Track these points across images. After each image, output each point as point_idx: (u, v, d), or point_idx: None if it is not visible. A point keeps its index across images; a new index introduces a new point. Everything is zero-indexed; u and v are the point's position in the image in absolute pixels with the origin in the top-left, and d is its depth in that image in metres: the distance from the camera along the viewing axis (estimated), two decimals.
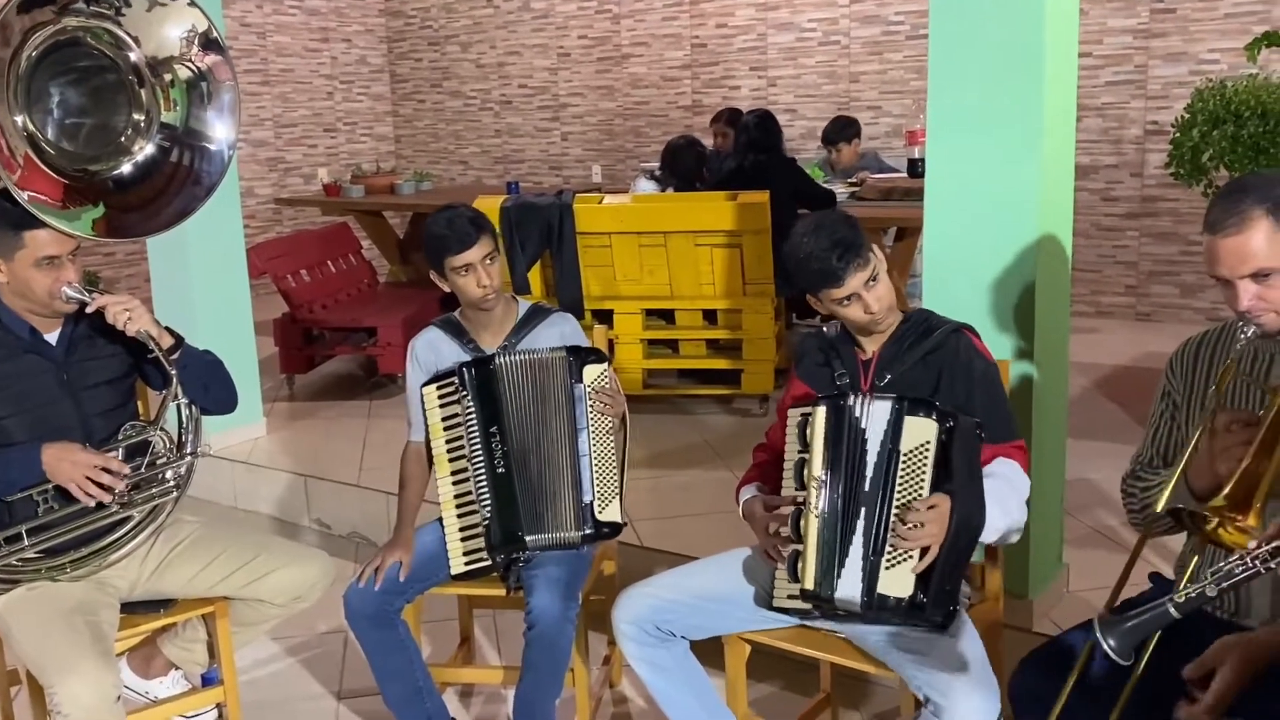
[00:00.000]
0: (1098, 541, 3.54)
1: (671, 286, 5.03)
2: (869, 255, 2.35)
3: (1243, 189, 1.88)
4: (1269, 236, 1.84)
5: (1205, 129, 3.61)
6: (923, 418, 2.21)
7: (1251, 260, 1.85)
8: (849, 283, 2.32)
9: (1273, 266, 1.85)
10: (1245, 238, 1.85)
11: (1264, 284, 1.87)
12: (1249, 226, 1.85)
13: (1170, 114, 6.68)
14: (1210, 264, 1.91)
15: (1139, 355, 6.11)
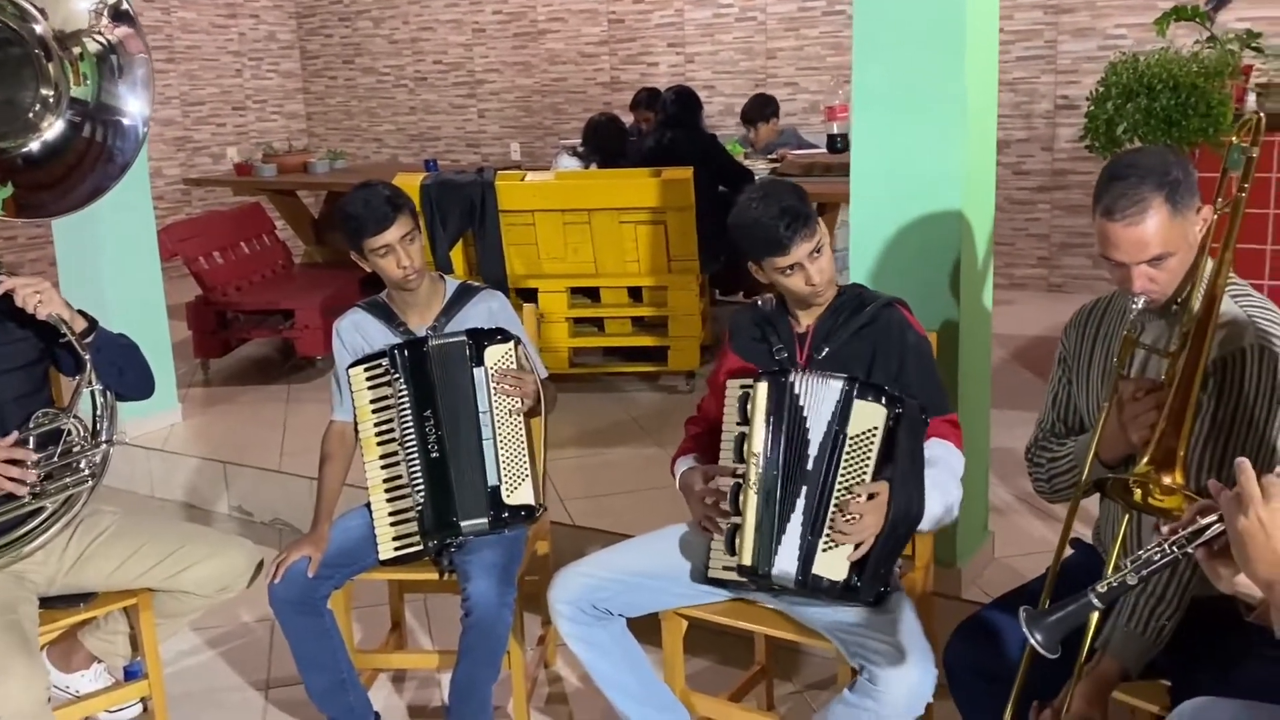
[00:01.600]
0: (1020, 508, 3.61)
1: (596, 264, 5.00)
2: (815, 226, 2.35)
3: (1138, 173, 1.89)
4: (1165, 224, 1.87)
5: (1119, 102, 3.66)
6: (872, 402, 2.22)
7: (1149, 248, 1.89)
8: (794, 252, 2.32)
9: (1167, 252, 1.89)
10: (1144, 227, 1.87)
11: (1157, 267, 1.91)
12: (1148, 215, 1.87)
13: (1080, 89, 6.82)
14: (1105, 248, 1.93)
15: (1052, 325, 6.22)
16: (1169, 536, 1.53)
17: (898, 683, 2.10)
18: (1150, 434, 1.85)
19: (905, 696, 2.10)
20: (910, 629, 2.20)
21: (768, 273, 2.39)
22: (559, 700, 3.05)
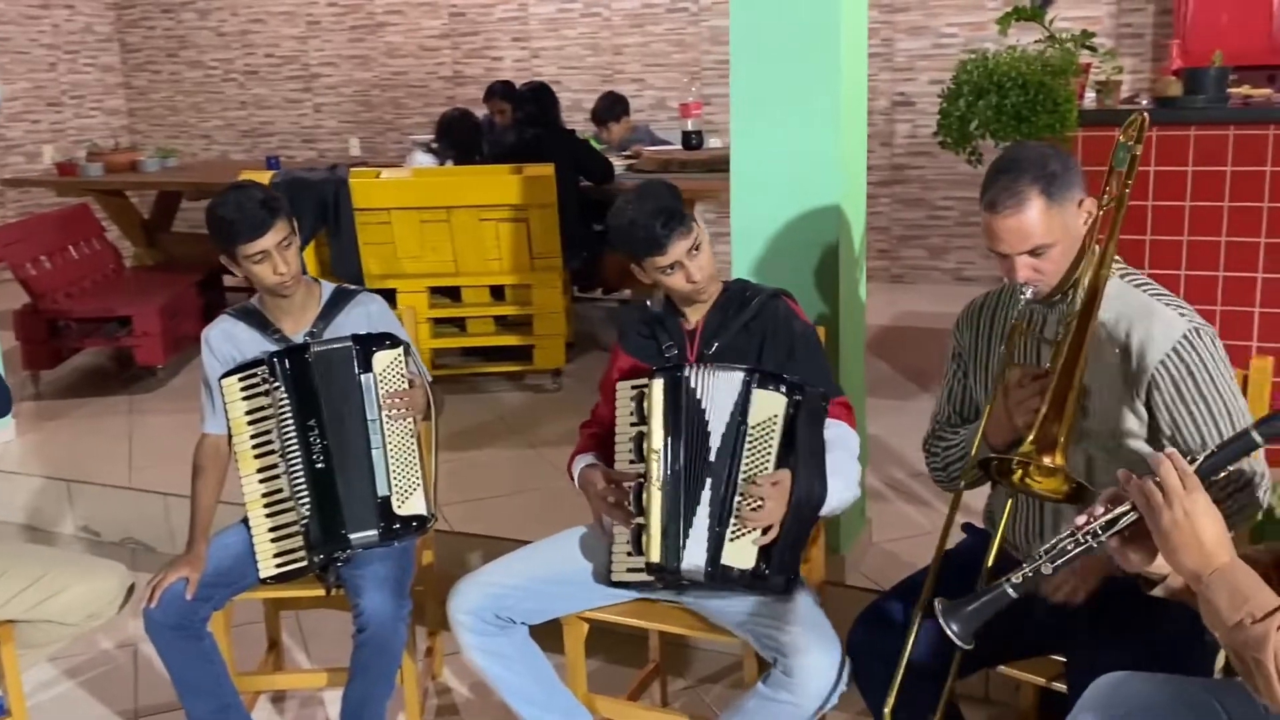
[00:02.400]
0: (892, 495, 3.71)
1: (456, 263, 4.91)
2: (691, 224, 2.36)
3: (1018, 167, 1.96)
4: (1044, 214, 1.95)
5: (971, 99, 3.79)
6: (772, 391, 2.24)
7: (1029, 239, 1.96)
8: (672, 250, 2.32)
9: (1048, 242, 1.97)
10: (1023, 219, 1.95)
11: (1040, 257, 1.98)
12: (1026, 207, 1.94)
13: (915, 86, 7.08)
14: (990, 240, 2.01)
15: (897, 315, 6.45)
16: (1083, 526, 1.58)
17: (811, 672, 2.12)
18: (1034, 418, 1.92)
19: (820, 685, 2.12)
20: (817, 618, 2.23)
21: (649, 273, 2.39)
22: (449, 712, 2.98)
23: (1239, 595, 1.40)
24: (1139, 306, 2.02)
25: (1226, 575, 1.42)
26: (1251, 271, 3.69)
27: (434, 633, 3.06)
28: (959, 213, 7.14)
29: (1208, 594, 1.42)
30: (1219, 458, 1.55)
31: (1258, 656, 1.36)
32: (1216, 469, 1.54)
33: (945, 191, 7.13)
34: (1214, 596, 1.42)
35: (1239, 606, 1.39)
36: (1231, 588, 1.41)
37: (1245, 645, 1.37)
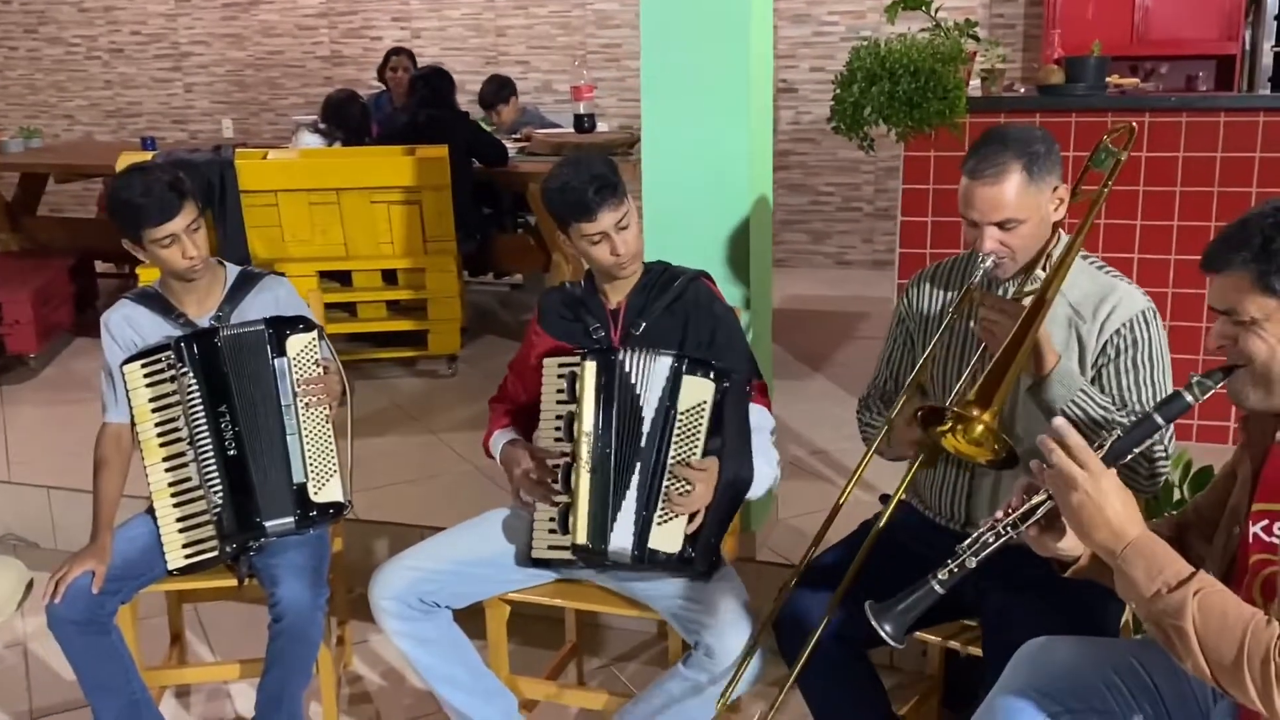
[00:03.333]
0: (794, 473, 3.78)
1: (347, 246, 4.81)
2: (624, 199, 2.35)
3: (1005, 140, 2.05)
4: (1020, 190, 2.03)
5: (864, 85, 3.88)
6: (700, 377, 2.26)
7: (1002, 210, 2.04)
8: (601, 219, 2.31)
9: (1018, 218, 2.04)
10: (1000, 189, 2.02)
11: (1008, 231, 2.05)
12: (1005, 179, 2.02)
13: (797, 73, 7.20)
14: (964, 206, 2.08)
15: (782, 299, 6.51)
16: (1001, 519, 1.65)
17: (731, 653, 2.16)
18: (999, 343, 1.98)
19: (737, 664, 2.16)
20: (738, 598, 2.27)
21: (575, 241, 2.38)
22: (362, 700, 2.95)
23: (1154, 566, 1.46)
24: (1104, 284, 2.12)
25: (1140, 548, 1.48)
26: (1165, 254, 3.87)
27: (343, 622, 3.02)
28: (840, 198, 7.30)
29: (1124, 568, 1.48)
30: (1126, 440, 1.60)
31: (1177, 624, 1.41)
32: (1124, 452, 1.59)
33: (827, 177, 7.28)
34: (1130, 570, 1.47)
35: (1155, 577, 1.45)
36: (1146, 559, 1.47)
37: (1164, 614, 1.43)
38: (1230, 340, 1.51)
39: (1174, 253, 3.84)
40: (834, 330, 5.71)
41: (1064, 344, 2.10)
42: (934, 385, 2.29)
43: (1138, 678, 1.71)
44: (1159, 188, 3.82)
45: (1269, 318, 1.47)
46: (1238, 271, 1.48)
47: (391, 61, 6.38)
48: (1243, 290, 1.47)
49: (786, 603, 2.26)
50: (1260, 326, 1.47)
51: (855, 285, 6.73)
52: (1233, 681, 1.37)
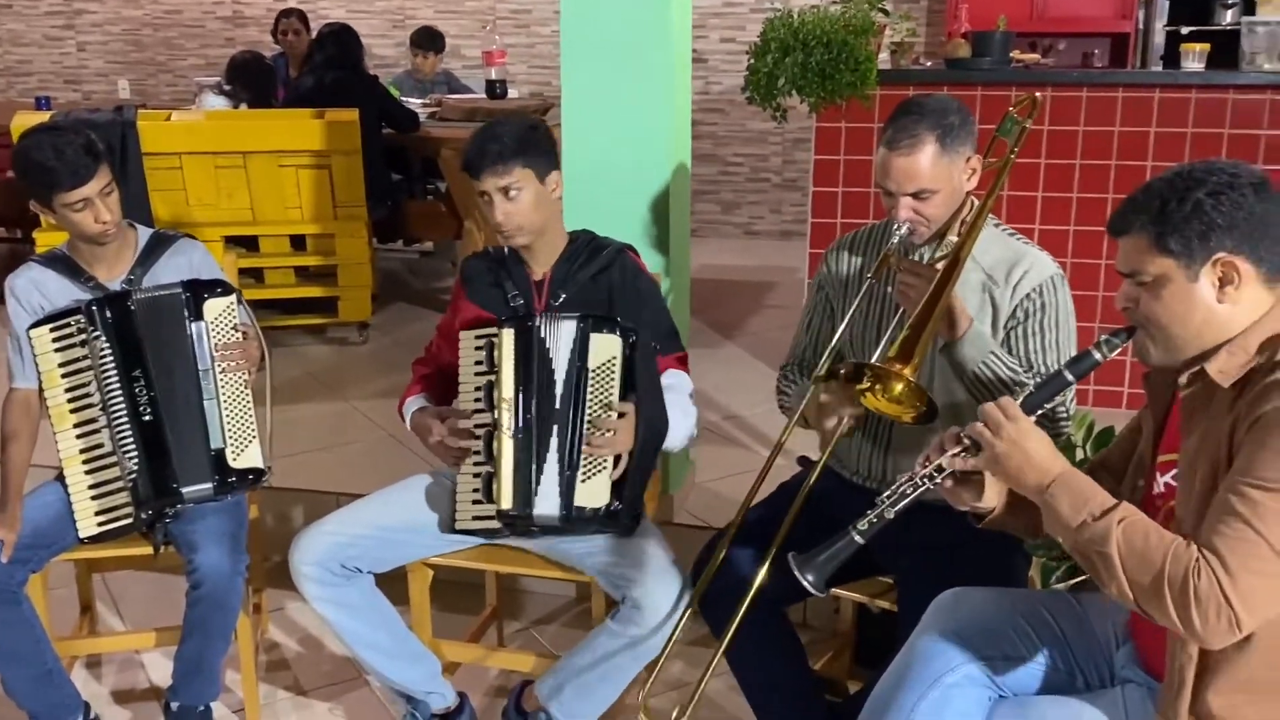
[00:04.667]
0: (709, 438, 3.84)
1: (254, 211, 4.72)
2: (515, 167, 2.31)
3: (921, 111, 2.10)
4: (934, 161, 2.09)
5: (777, 56, 3.93)
6: (608, 334, 2.29)
7: (917, 180, 2.10)
8: (484, 180, 2.32)
9: (932, 188, 2.10)
10: (915, 159, 2.08)
11: (922, 201, 2.12)
12: (920, 150, 2.08)
13: (707, 43, 7.22)
14: (881, 175, 2.13)
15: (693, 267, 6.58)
16: (919, 472, 1.71)
17: (660, 605, 2.21)
18: (915, 305, 2.04)
19: (666, 617, 2.21)
20: (662, 553, 2.31)
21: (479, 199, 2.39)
22: (280, 667, 2.93)
23: (1079, 499, 1.54)
24: (1016, 250, 2.19)
25: (1065, 482, 1.56)
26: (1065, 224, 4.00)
27: (260, 589, 2.99)
28: (749, 169, 7.37)
29: (1051, 503, 1.55)
30: (1037, 396, 1.68)
31: (1102, 550, 1.49)
32: (1035, 406, 1.67)
33: (736, 148, 7.33)
34: (1056, 504, 1.55)
35: (1080, 508, 1.53)
36: (1072, 493, 1.55)
37: (1090, 543, 1.50)
38: (1134, 302, 1.58)
39: (1073, 223, 3.98)
40: (745, 299, 5.78)
41: (978, 308, 2.17)
42: (853, 350, 2.35)
43: (1047, 625, 1.79)
44: (1060, 160, 3.95)
45: (1168, 277, 1.53)
46: (1138, 234, 1.55)
47: (282, 24, 6.21)
48: (1143, 252, 1.55)
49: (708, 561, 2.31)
50: (1160, 286, 1.54)
51: (764, 255, 6.82)
52: (1153, 602, 1.45)
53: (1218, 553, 1.41)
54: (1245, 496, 1.42)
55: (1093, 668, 1.78)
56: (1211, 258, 1.51)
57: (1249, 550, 1.40)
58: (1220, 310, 1.53)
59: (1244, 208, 1.49)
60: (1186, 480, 1.57)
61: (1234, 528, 1.41)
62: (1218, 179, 1.51)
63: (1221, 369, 1.52)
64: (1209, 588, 1.40)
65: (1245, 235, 1.50)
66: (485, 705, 2.72)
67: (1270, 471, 1.41)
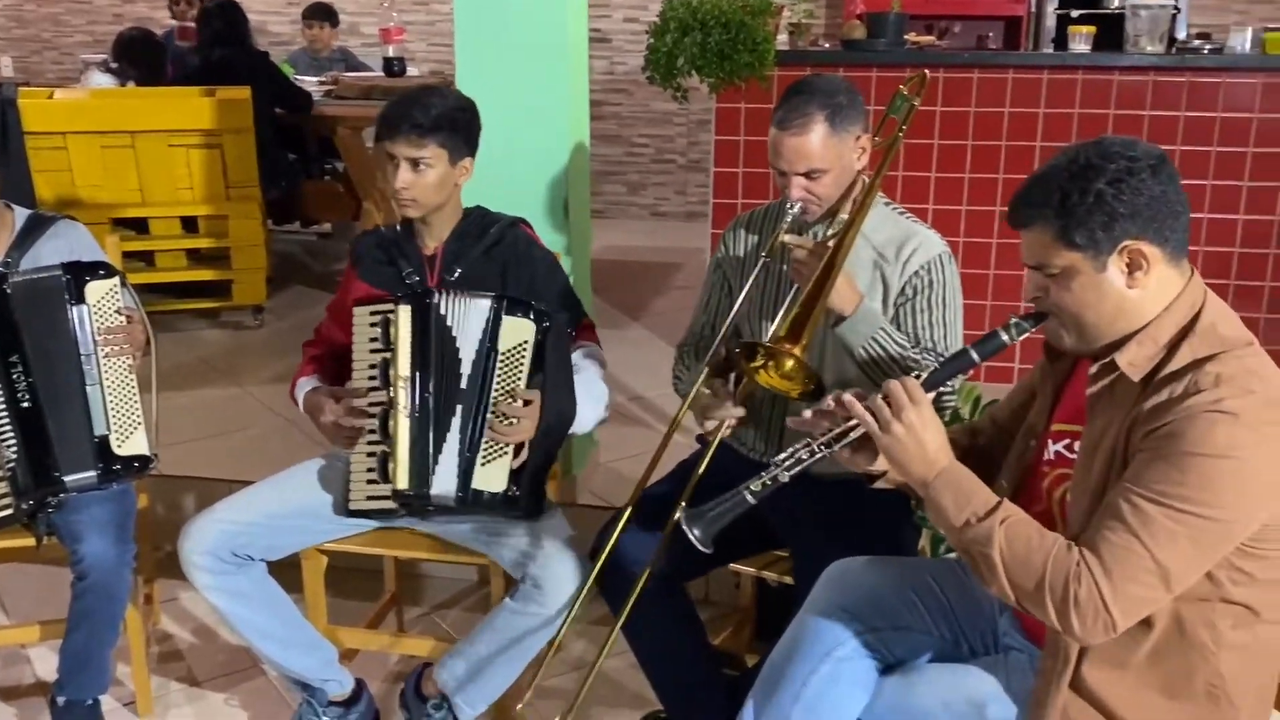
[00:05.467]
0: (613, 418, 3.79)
1: (143, 192, 4.59)
2: (426, 143, 2.29)
3: (810, 91, 2.12)
4: (825, 140, 2.11)
5: (677, 36, 3.93)
6: (520, 318, 2.27)
7: (808, 159, 2.11)
8: (396, 144, 2.30)
9: (823, 167, 2.12)
10: (806, 139, 2.10)
11: (814, 180, 2.14)
12: (810, 130, 2.10)
13: (610, 23, 7.21)
14: (773, 156, 2.15)
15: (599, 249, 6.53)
16: (817, 438, 1.71)
17: (559, 583, 2.20)
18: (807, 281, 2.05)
19: (566, 594, 2.21)
20: (562, 533, 2.31)
21: (384, 158, 2.36)
22: (173, 658, 2.86)
23: (962, 496, 1.55)
24: (906, 228, 2.22)
25: (949, 478, 1.56)
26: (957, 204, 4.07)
27: (150, 580, 2.91)
28: (654, 150, 7.38)
29: (934, 497, 1.56)
30: (940, 373, 1.69)
31: (985, 551, 1.50)
32: (936, 384, 1.68)
33: (641, 129, 7.33)
34: (940, 499, 1.56)
35: (963, 507, 1.54)
36: (955, 490, 1.55)
37: (973, 542, 1.52)
38: (1044, 291, 1.57)
39: (965, 203, 4.06)
40: (650, 280, 5.80)
41: (869, 285, 2.20)
42: (751, 328, 2.36)
43: (934, 595, 1.82)
44: (952, 141, 4.02)
45: (1076, 269, 1.51)
46: (1041, 228, 1.53)
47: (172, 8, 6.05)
48: (1047, 245, 1.53)
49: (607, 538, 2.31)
50: (1069, 278, 1.53)
51: (670, 236, 6.83)
52: (1034, 604, 1.47)
53: (1101, 560, 1.43)
54: (1137, 507, 1.42)
55: (977, 634, 1.82)
56: (1118, 246, 1.49)
57: (1133, 562, 1.42)
58: (1131, 296, 1.52)
59: (1144, 193, 1.47)
60: (1084, 467, 1.58)
61: (1121, 537, 1.43)
62: (1116, 166, 1.48)
63: (1131, 361, 1.52)
64: (1089, 595, 1.42)
65: (1148, 219, 1.48)
66: (386, 691, 2.70)
67: (1166, 486, 1.41)
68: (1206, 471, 1.40)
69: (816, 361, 2.24)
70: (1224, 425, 1.40)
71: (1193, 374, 1.46)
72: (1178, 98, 3.90)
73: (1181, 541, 1.42)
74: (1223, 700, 1.54)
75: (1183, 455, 1.41)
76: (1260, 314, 4.03)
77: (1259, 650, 1.57)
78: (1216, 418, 1.41)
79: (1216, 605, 1.51)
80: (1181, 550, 1.42)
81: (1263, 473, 1.42)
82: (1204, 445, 1.40)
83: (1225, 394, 1.42)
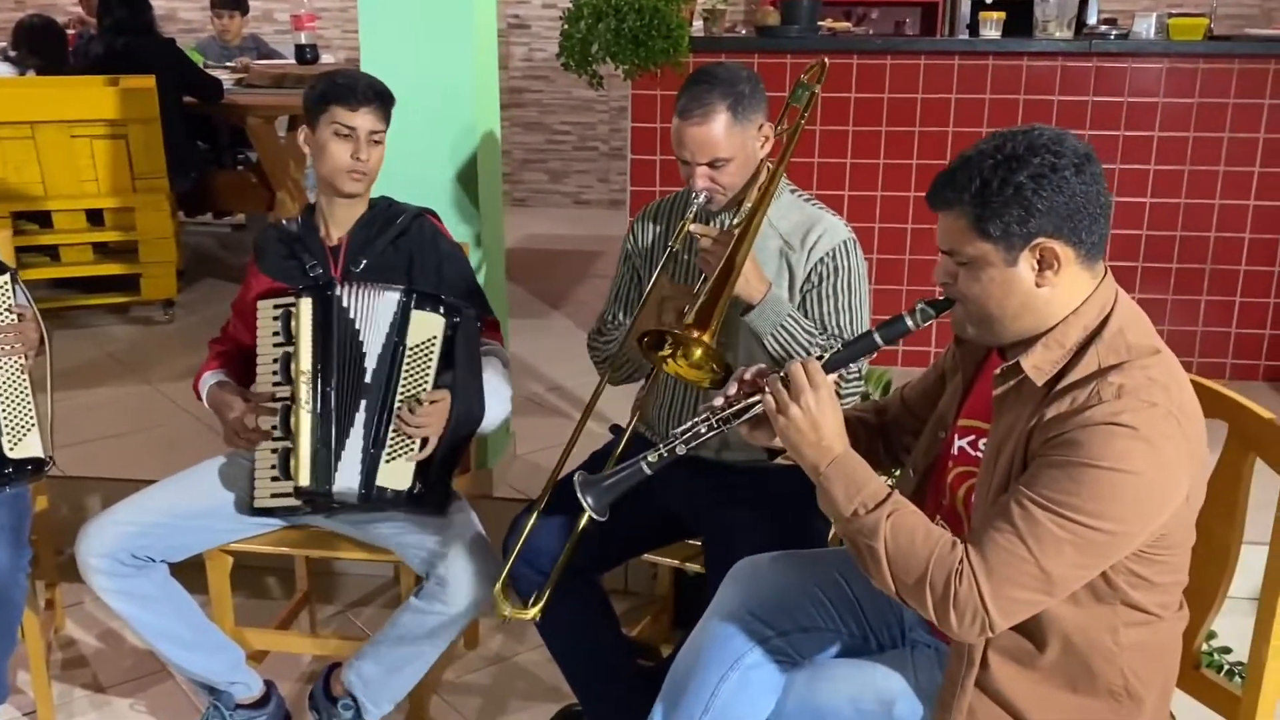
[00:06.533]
0: (534, 409, 3.82)
1: (45, 185, 4.45)
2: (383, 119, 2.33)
3: (711, 80, 2.09)
4: (727, 129, 2.09)
5: (591, 22, 3.90)
6: (430, 312, 2.23)
7: (711, 149, 2.09)
8: (360, 115, 2.27)
9: (726, 156, 2.11)
10: (708, 128, 2.08)
11: (718, 170, 2.12)
12: (712, 119, 2.08)
13: (529, 8, 7.15)
14: (676, 145, 2.13)
15: (520, 237, 6.56)
16: (715, 413, 1.68)
17: (464, 580, 2.17)
18: (713, 269, 2.05)
19: (472, 592, 2.18)
20: (469, 529, 2.27)
21: (321, 131, 2.29)
22: (78, 664, 2.78)
23: (853, 485, 1.52)
24: (811, 215, 2.21)
25: (842, 466, 1.54)
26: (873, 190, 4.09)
27: (52, 584, 2.83)
28: (577, 137, 7.34)
29: (825, 485, 1.54)
30: (842, 356, 1.65)
31: (870, 544, 1.48)
32: (838, 366, 1.65)
33: (563, 116, 7.29)
34: (831, 487, 1.53)
35: (853, 497, 1.51)
36: (846, 478, 1.53)
37: (860, 534, 1.50)
38: (952, 277, 1.54)
39: (880, 189, 4.08)
40: (572, 269, 5.77)
41: (776, 273, 2.20)
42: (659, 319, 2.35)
43: (841, 591, 1.81)
44: (866, 128, 4.04)
45: (986, 260, 1.48)
46: (957, 213, 1.49)
47: None
48: (961, 232, 1.49)
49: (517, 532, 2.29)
50: (979, 268, 1.48)
51: (593, 224, 6.80)
52: (915, 599, 1.47)
53: (985, 560, 1.42)
54: (1027, 511, 1.41)
55: (884, 629, 1.81)
56: (1030, 243, 1.45)
57: (1016, 565, 1.41)
58: (1040, 294, 1.48)
59: (1064, 191, 1.43)
60: (988, 468, 1.57)
61: (1008, 539, 1.42)
62: (1041, 160, 1.43)
63: (1036, 364, 1.50)
64: (969, 594, 1.42)
65: (1065, 218, 1.44)
66: (298, 692, 2.64)
67: (1058, 494, 1.40)
68: (1100, 483, 1.39)
69: (729, 350, 2.23)
70: (1122, 438, 1.39)
71: (1096, 383, 1.44)
72: (1085, 83, 3.96)
73: (1067, 549, 1.41)
74: (1126, 697, 1.55)
75: (1078, 465, 1.40)
76: (1168, 295, 4.11)
77: (1160, 647, 1.59)
78: (1115, 430, 1.39)
79: (1117, 608, 1.52)
80: (1067, 558, 1.41)
81: (1157, 487, 1.42)
82: (1101, 457, 1.39)
83: (1126, 406, 1.40)
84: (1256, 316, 4.10)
